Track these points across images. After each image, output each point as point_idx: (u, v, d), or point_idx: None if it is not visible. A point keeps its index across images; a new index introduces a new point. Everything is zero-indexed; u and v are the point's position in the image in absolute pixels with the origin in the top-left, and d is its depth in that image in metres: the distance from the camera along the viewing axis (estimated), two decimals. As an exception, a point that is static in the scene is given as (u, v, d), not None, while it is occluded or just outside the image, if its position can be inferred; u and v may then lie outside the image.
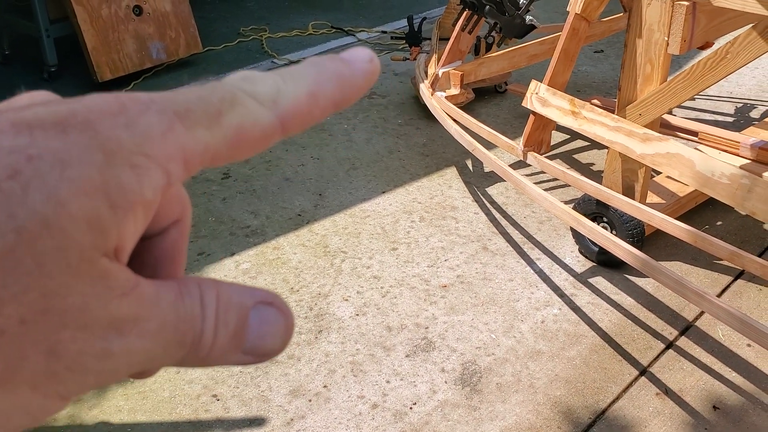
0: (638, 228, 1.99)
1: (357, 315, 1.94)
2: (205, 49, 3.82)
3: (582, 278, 2.06)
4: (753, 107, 3.07)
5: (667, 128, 2.35)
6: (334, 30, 4.39)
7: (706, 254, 2.04)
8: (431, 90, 2.64)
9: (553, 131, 2.40)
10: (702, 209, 2.27)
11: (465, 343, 1.83)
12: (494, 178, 2.58)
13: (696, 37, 1.78)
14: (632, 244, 1.84)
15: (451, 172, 2.66)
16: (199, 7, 4.18)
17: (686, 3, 1.73)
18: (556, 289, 2.02)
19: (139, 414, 1.66)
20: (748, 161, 2.16)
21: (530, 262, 2.14)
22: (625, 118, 1.93)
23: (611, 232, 1.95)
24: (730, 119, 2.98)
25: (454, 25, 2.69)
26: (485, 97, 3.24)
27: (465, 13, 2.61)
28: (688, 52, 1.89)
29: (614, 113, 1.95)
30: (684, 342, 1.82)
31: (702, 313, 1.90)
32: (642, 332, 1.86)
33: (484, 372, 1.74)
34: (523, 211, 2.39)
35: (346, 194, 2.53)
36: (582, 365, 1.76)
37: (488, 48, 2.95)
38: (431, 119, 2.94)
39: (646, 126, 1.85)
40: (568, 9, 1.97)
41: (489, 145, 2.27)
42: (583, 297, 1.99)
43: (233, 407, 1.67)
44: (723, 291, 1.99)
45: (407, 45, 3.27)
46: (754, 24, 1.63)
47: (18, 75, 3.61)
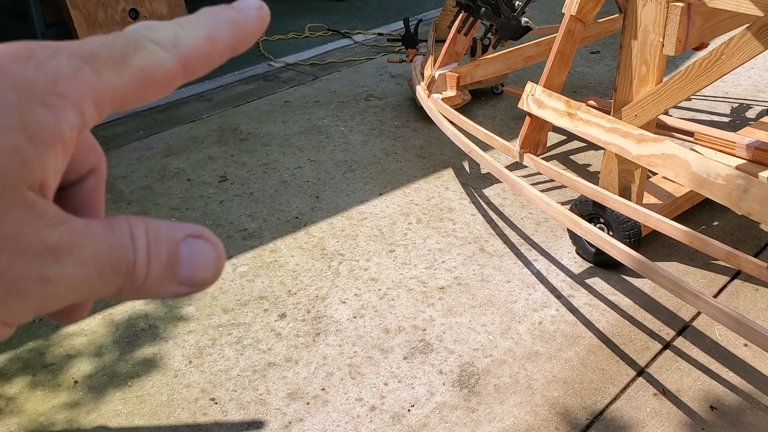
0: (635, 229, 1.99)
1: (354, 317, 1.94)
2: (202, 52, 3.81)
3: (579, 279, 2.06)
4: (749, 107, 3.08)
5: (663, 129, 2.36)
6: (330, 32, 4.39)
7: (703, 255, 2.04)
8: (428, 92, 2.64)
9: (550, 132, 2.41)
10: (698, 210, 2.27)
11: (462, 345, 1.83)
12: (491, 179, 2.58)
13: (691, 38, 1.79)
14: (629, 245, 1.84)
15: (448, 174, 2.66)
16: (196, 10, 4.17)
17: (681, 4, 1.73)
18: (553, 290, 2.03)
19: (137, 418, 1.65)
20: (744, 161, 2.17)
21: (527, 264, 2.14)
22: (621, 118, 1.93)
23: (608, 234, 1.96)
24: (725, 119, 2.99)
25: (451, 27, 2.70)
26: (482, 99, 3.25)
27: (461, 15, 2.62)
28: (684, 53, 1.90)
29: (610, 114, 1.95)
30: (681, 342, 1.82)
31: (699, 313, 1.90)
32: (639, 333, 1.86)
33: (482, 374, 1.74)
34: (520, 213, 2.39)
35: (343, 196, 2.54)
36: (579, 366, 1.76)
37: (484, 50, 2.96)
38: (428, 121, 2.95)
39: (642, 127, 1.86)
40: (563, 11, 1.98)
41: (486, 146, 2.28)
42: (581, 298, 1.99)
43: (231, 410, 1.66)
44: (719, 291, 2.00)
45: (403, 47, 3.28)
46: (748, 25, 1.64)
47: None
